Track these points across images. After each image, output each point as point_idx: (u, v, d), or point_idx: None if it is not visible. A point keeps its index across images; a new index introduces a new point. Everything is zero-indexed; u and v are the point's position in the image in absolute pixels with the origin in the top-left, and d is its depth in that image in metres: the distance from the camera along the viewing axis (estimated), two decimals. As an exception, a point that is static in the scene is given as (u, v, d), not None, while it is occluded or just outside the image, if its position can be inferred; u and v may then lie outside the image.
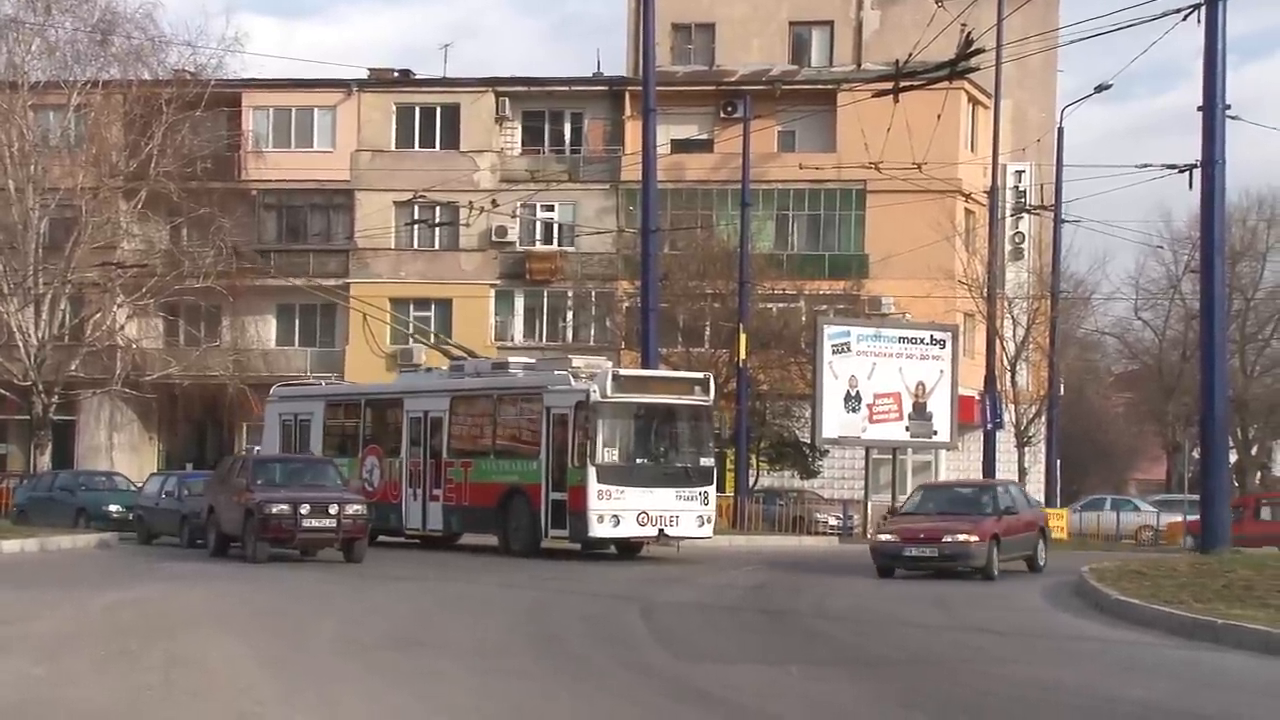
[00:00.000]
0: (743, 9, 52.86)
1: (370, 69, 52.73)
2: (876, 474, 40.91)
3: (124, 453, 49.66)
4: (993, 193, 43.78)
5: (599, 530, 26.26)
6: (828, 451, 43.39)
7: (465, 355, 33.39)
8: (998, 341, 42.82)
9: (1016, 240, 49.68)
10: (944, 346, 38.46)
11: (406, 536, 30.59)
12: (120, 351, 46.54)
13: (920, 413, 37.95)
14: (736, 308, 40.25)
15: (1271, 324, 60.67)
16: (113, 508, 33.56)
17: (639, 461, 26.80)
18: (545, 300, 50.77)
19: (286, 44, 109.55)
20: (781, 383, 44.14)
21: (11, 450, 50.94)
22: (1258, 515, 36.59)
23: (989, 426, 41.91)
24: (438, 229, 48.40)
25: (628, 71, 50.83)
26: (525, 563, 25.55)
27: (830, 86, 48.02)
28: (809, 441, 42.32)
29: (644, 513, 26.34)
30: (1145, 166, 34.42)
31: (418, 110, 51.50)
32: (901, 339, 38.41)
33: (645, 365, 32.40)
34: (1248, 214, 58.70)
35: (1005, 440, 43.44)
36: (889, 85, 21.75)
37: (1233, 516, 26.85)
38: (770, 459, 44.86)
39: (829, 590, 21.21)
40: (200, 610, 17.39)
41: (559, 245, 50.61)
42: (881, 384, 37.53)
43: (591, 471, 25.97)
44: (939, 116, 35.08)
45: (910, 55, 21.38)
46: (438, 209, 45.16)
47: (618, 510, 26.16)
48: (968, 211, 48.24)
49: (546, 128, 51.68)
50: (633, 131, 46.80)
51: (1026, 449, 44.93)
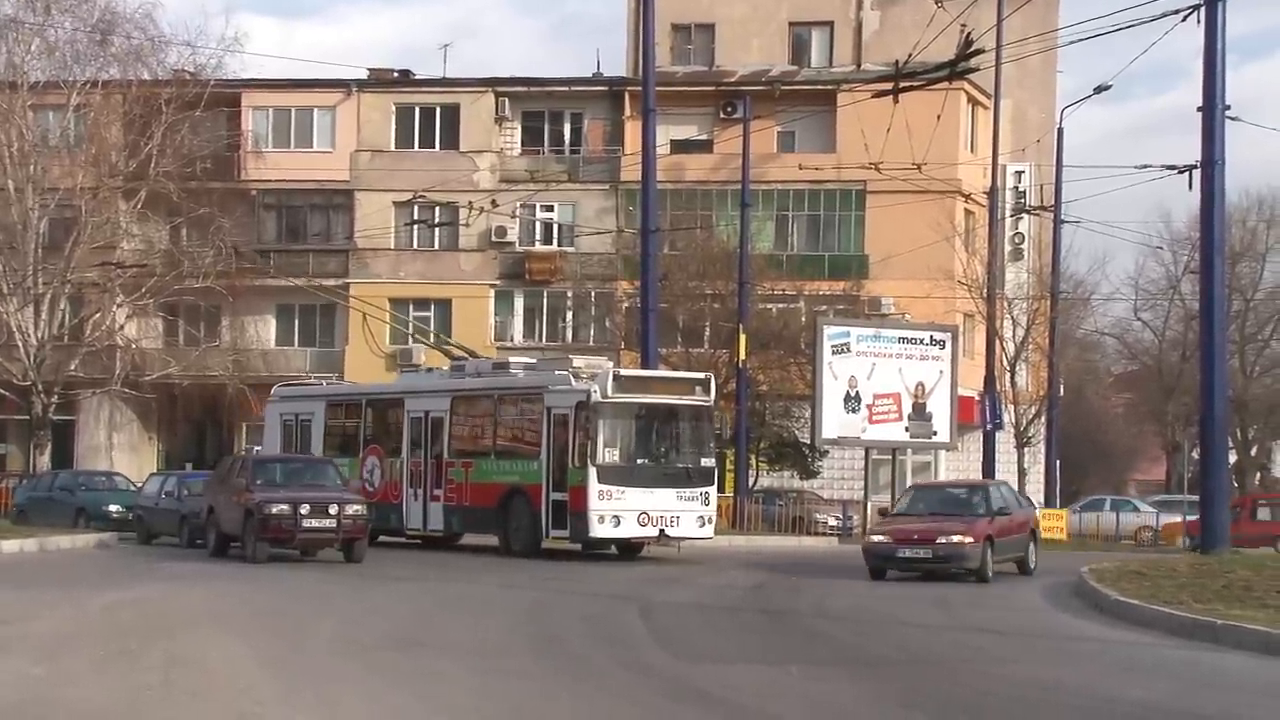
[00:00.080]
0: (742, 9, 52.85)
1: (370, 69, 52.77)
2: (876, 474, 40.89)
3: (123, 453, 49.64)
4: (992, 193, 43.81)
5: (600, 530, 26.23)
6: (827, 452, 43.39)
7: (466, 355, 33.34)
8: (997, 342, 42.82)
9: (1016, 241, 49.67)
10: (944, 347, 38.45)
11: (407, 537, 30.58)
12: (120, 351, 46.48)
13: (920, 413, 37.93)
14: (736, 308, 40.24)
15: (1271, 324, 60.67)
16: (113, 508, 33.54)
17: (640, 462, 26.78)
18: (545, 300, 50.75)
19: (286, 44, 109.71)
20: (781, 383, 44.13)
21: (11, 450, 50.93)
22: (1254, 516, 36.61)
23: (989, 427, 41.93)
24: (437, 229, 48.34)
25: (627, 72, 50.82)
26: (526, 563, 25.54)
27: (830, 87, 48.01)
28: (808, 442, 42.30)
29: (645, 513, 26.32)
30: (1145, 167, 34.33)
31: (417, 110, 51.49)
32: (901, 339, 38.38)
33: (645, 366, 32.39)
34: (1247, 214, 58.72)
35: (1005, 441, 43.45)
36: (889, 86, 21.74)
37: (1230, 517, 26.78)
38: (770, 459, 44.86)
39: (828, 590, 21.21)
40: (200, 610, 17.38)
41: (558, 245, 50.59)
42: (881, 384, 37.51)
43: (592, 472, 25.96)
44: (939, 117, 35.08)
45: (910, 56, 21.37)
46: (437, 209, 45.11)
47: (618, 510, 26.14)
48: (967, 212, 48.23)
49: (546, 128, 51.67)
50: (632, 132, 46.80)
51: (1026, 449, 44.92)
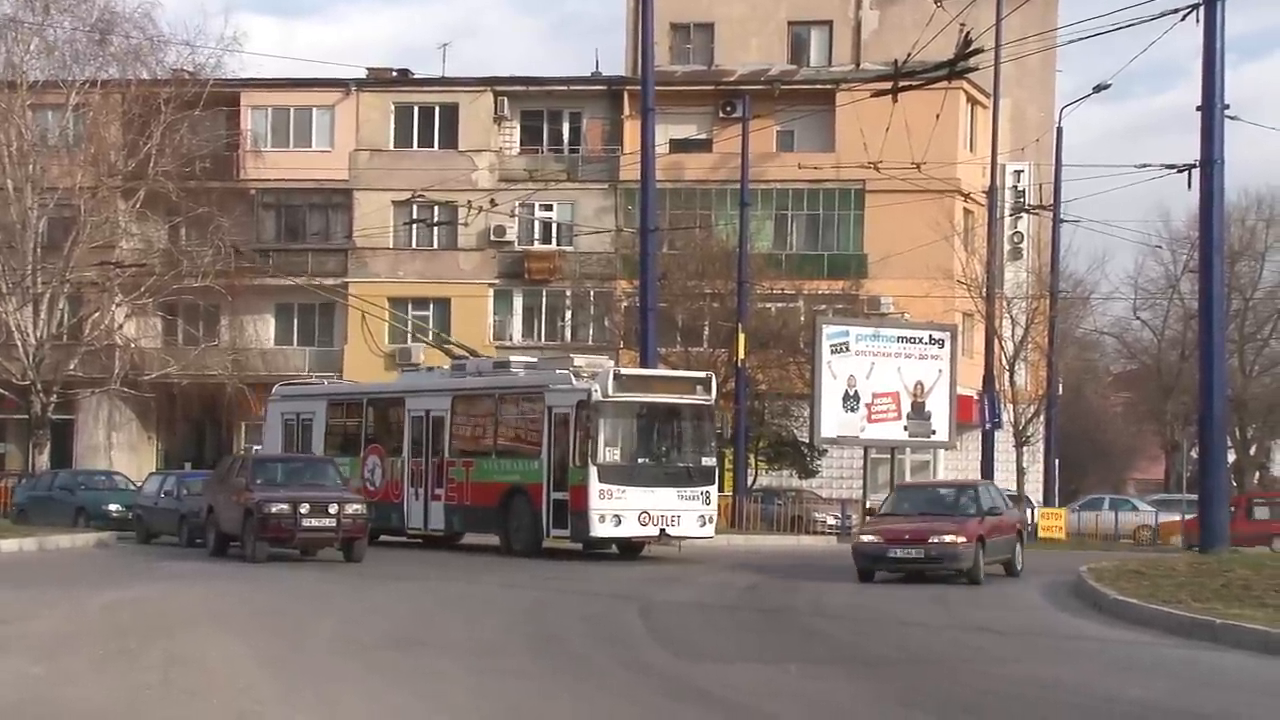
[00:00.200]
0: (741, 9, 52.83)
1: (369, 68, 52.78)
2: (875, 473, 40.87)
3: (122, 452, 49.62)
4: (991, 192, 43.83)
5: (600, 530, 26.20)
6: (826, 451, 43.38)
7: (467, 355, 33.30)
8: (996, 341, 42.80)
9: (1015, 240, 49.67)
10: (942, 346, 38.43)
11: (408, 536, 30.57)
12: (119, 351, 46.45)
13: (919, 412, 37.91)
14: (735, 307, 40.24)
15: (1270, 324, 60.63)
16: (112, 507, 33.54)
17: (640, 461, 26.77)
18: (544, 300, 50.74)
19: (285, 43, 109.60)
20: (780, 382, 44.12)
21: (10, 449, 50.94)
22: (1250, 515, 36.62)
23: (987, 426, 41.94)
24: (436, 228, 48.28)
25: (626, 71, 50.81)
26: (526, 562, 25.53)
27: (829, 86, 47.99)
28: (807, 441, 42.29)
29: (645, 512, 26.29)
30: (1144, 166, 34.41)
31: (416, 110, 51.47)
32: (900, 339, 38.36)
33: (644, 365, 32.35)
34: (1246, 214, 58.64)
35: (1004, 440, 43.44)
36: (888, 85, 21.72)
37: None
38: (769, 458, 44.86)
39: (827, 589, 21.20)
40: (199, 610, 17.39)
41: (557, 245, 50.58)
42: (880, 383, 37.48)
43: (593, 471, 25.93)
44: (938, 116, 35.05)
45: (909, 55, 21.36)
46: (436, 208, 45.07)
47: (619, 510, 26.10)
48: (966, 211, 48.23)
49: (545, 127, 51.66)
50: (631, 131, 46.79)
51: (1025, 448, 44.90)
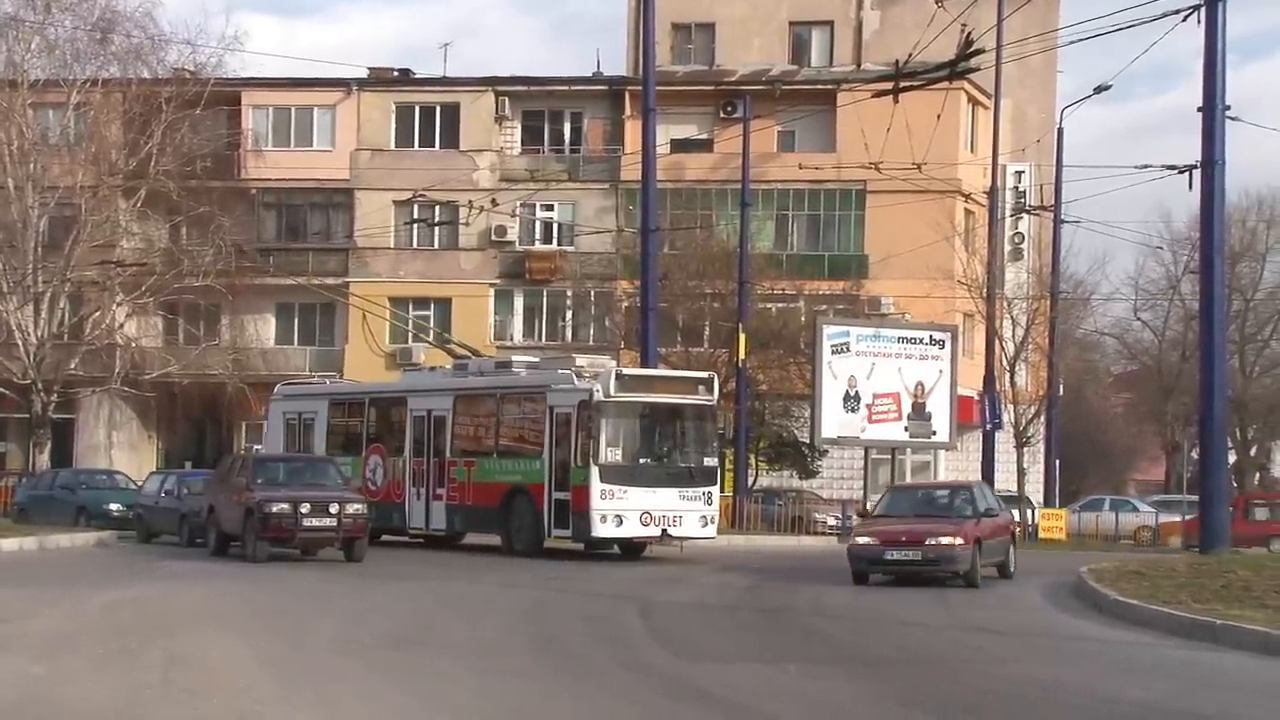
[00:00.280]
0: (742, 9, 52.84)
1: (370, 68, 52.77)
2: (875, 474, 40.87)
3: (123, 451, 49.62)
4: (992, 193, 43.82)
5: (602, 530, 26.17)
6: (826, 451, 43.39)
7: (469, 354, 33.30)
8: (997, 342, 42.77)
9: (1016, 240, 49.66)
10: (943, 346, 38.46)
11: (410, 536, 30.55)
12: (119, 350, 46.44)
13: (919, 413, 37.93)
14: (736, 307, 40.24)
15: (1271, 324, 60.65)
16: (114, 506, 33.54)
17: (642, 461, 26.75)
18: (544, 300, 50.74)
19: (286, 43, 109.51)
20: (781, 383, 44.12)
21: (10, 448, 50.93)
22: (1248, 515, 36.63)
23: (988, 427, 41.95)
24: (437, 228, 48.30)
25: (627, 71, 50.80)
26: (528, 562, 25.52)
27: (830, 86, 48.00)
28: (808, 441, 42.30)
29: (647, 512, 26.27)
30: (1145, 167, 34.30)
31: (417, 109, 51.48)
32: (901, 339, 38.39)
33: (644, 365, 32.36)
34: (1247, 214, 58.67)
35: (1004, 440, 43.43)
36: (889, 85, 21.73)
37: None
38: (769, 459, 44.86)
39: (827, 589, 21.19)
40: (200, 609, 17.39)
41: (558, 245, 50.58)
42: (881, 384, 37.51)
43: (595, 471, 25.90)
44: (939, 116, 35.09)
45: (910, 55, 21.37)
46: (437, 208, 45.10)
47: (621, 510, 26.08)
48: (967, 212, 48.22)
49: (546, 127, 51.66)
50: (632, 131, 46.80)
51: (1025, 449, 44.87)
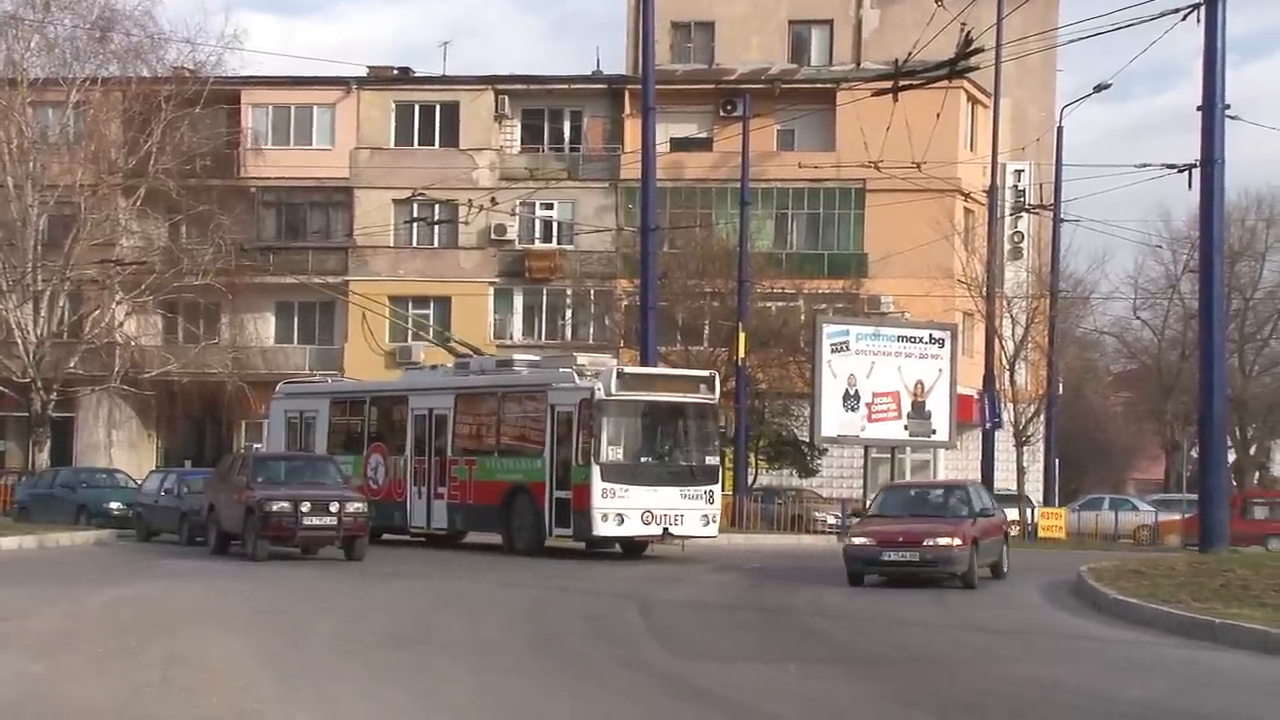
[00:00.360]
0: (742, 7, 52.82)
1: (370, 67, 52.76)
2: (875, 473, 40.86)
3: (123, 450, 49.62)
4: (992, 192, 43.82)
5: (603, 529, 26.14)
6: (826, 450, 43.37)
7: (470, 353, 33.27)
8: (996, 341, 42.75)
9: (1015, 239, 49.66)
10: (943, 345, 38.45)
11: (411, 535, 30.54)
12: (119, 348, 46.46)
13: (919, 412, 37.93)
14: (736, 306, 40.23)
15: (1270, 324, 60.63)
16: (114, 505, 33.57)
17: (643, 460, 26.73)
18: (544, 298, 50.74)
19: (286, 41, 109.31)
20: (780, 381, 44.10)
21: (10, 447, 50.92)
22: (1245, 514, 36.64)
23: (988, 426, 41.93)
24: (437, 227, 48.29)
25: (627, 70, 50.78)
26: (529, 561, 25.52)
27: (830, 85, 48.00)
28: (808, 440, 42.29)
29: (648, 511, 26.23)
30: (1144, 166, 34.41)
31: (417, 108, 51.47)
32: (900, 338, 38.38)
33: (644, 363, 32.30)
34: (1246, 214, 58.63)
35: (1004, 439, 43.43)
36: (888, 84, 21.71)
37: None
38: (769, 457, 44.83)
39: (826, 588, 21.20)
40: (200, 608, 17.40)
41: (558, 243, 50.57)
42: (880, 383, 37.50)
43: (596, 470, 25.87)
44: (938, 116, 35.03)
45: (910, 54, 21.34)
46: (437, 207, 45.13)
47: (622, 509, 26.04)
48: (967, 211, 48.22)
49: (546, 126, 51.66)
50: (632, 130, 46.80)
51: (1025, 448, 44.86)
